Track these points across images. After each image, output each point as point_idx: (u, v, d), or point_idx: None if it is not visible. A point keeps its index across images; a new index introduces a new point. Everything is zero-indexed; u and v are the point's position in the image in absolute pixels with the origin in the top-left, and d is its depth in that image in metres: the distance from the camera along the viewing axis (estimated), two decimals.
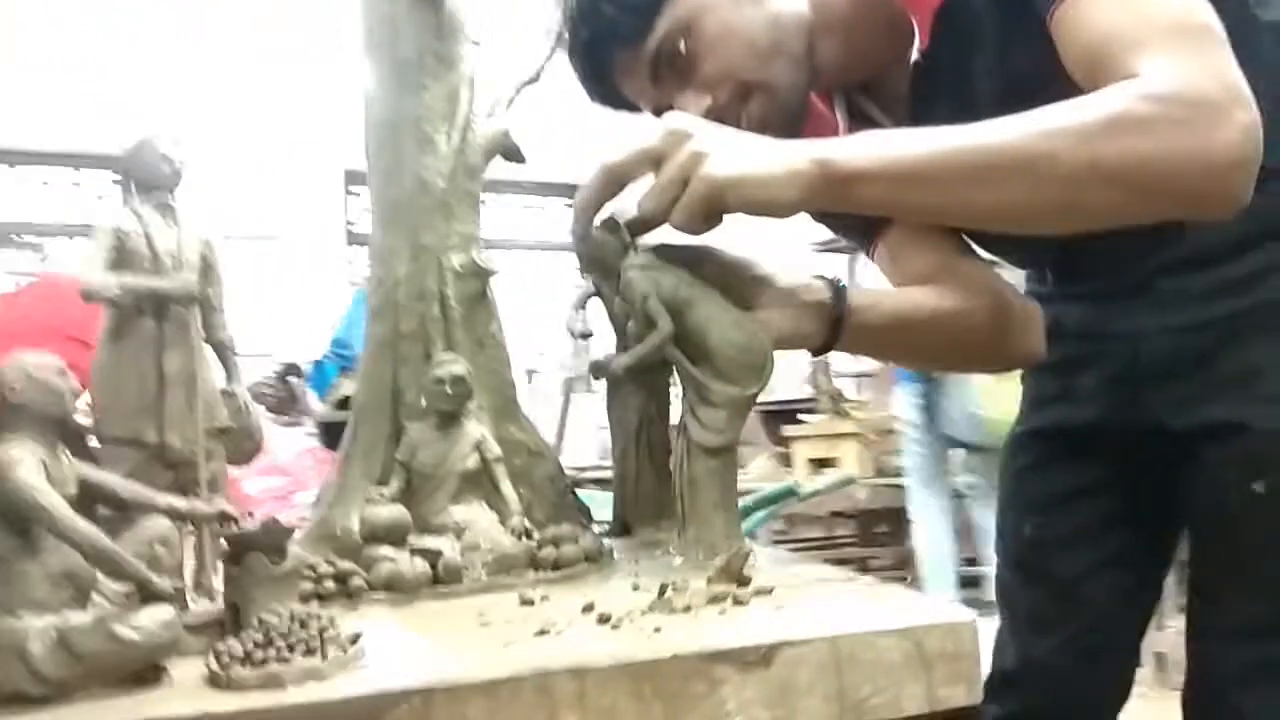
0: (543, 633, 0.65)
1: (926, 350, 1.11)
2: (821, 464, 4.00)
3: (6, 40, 4.72)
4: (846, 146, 0.88)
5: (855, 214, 1.11)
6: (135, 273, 0.82)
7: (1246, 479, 1.01)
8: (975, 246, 1.16)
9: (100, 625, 0.56)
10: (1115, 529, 1.21)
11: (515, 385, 1.03)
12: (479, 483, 0.90)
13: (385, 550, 0.81)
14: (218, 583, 0.73)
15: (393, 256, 0.99)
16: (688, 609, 0.69)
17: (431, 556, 0.80)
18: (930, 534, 3.84)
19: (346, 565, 0.79)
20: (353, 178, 6.56)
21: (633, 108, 1.20)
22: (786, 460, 4.07)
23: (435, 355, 0.95)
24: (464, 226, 1.01)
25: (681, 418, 0.91)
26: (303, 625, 0.59)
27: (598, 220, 0.92)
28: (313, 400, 4.02)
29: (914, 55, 1.07)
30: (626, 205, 0.95)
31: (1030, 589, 1.27)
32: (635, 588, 0.78)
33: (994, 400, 3.59)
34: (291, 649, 0.57)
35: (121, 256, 0.83)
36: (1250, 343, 1.04)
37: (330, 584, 0.77)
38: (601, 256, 0.93)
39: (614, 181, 0.90)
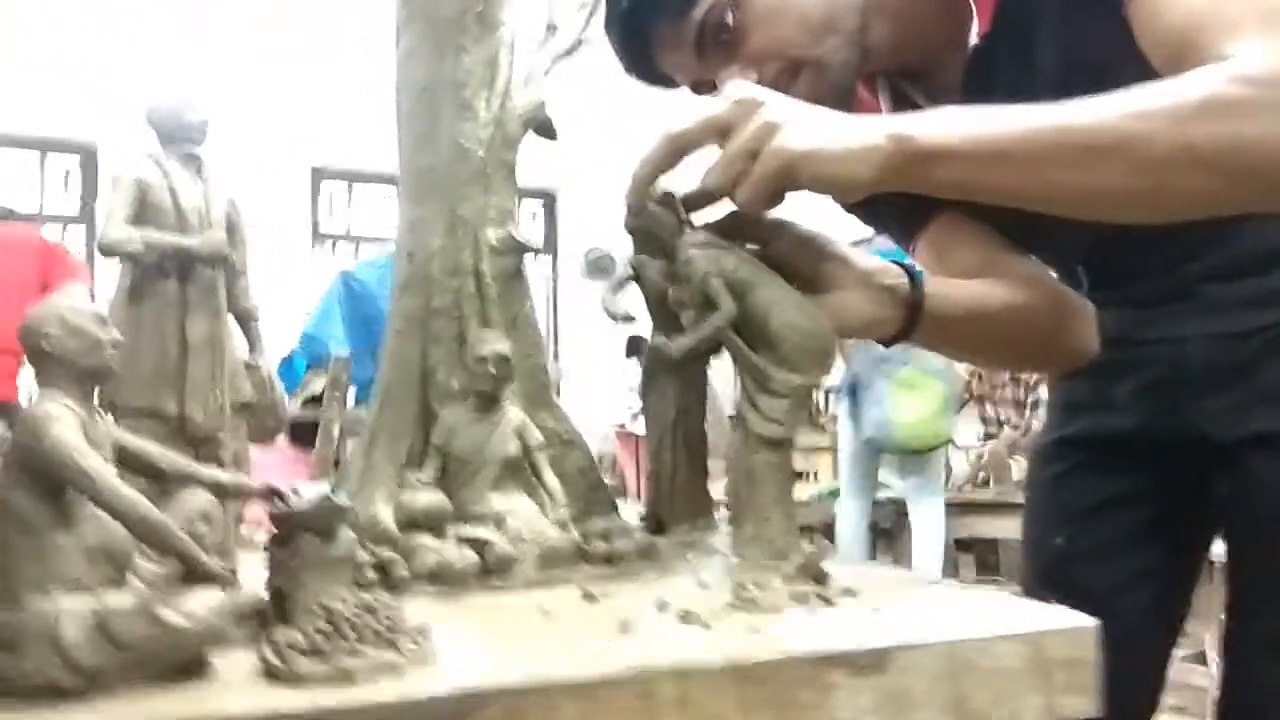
0: (625, 630, 0.58)
1: (990, 344, 1.06)
2: (797, 477, 3.99)
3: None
4: (925, 122, 0.83)
5: (899, 206, 1.06)
6: (159, 229, 0.74)
7: None
8: None
9: (144, 609, 0.49)
10: (1148, 540, 1.17)
11: (547, 370, 0.96)
12: (518, 471, 0.84)
13: (426, 539, 0.74)
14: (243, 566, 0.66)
15: (425, 228, 0.92)
16: (774, 608, 0.63)
17: (480, 546, 0.73)
18: (849, 535, 4.01)
19: (387, 553, 0.72)
20: (320, 174, 6.43)
21: (669, 83, 1.15)
22: None
23: (472, 332, 0.88)
24: (501, 200, 0.94)
25: (737, 407, 0.85)
26: (371, 613, 0.52)
27: (654, 192, 0.86)
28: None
29: (972, 39, 1.03)
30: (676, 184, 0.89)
31: (1059, 603, 1.22)
32: (702, 585, 0.72)
33: (904, 408, 3.77)
34: (361, 640, 0.50)
35: (143, 211, 0.75)
36: None
37: (370, 574, 0.70)
38: (656, 232, 0.86)
39: (676, 151, 0.83)
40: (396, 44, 0.96)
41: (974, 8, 1.03)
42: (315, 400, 3.58)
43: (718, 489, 0.90)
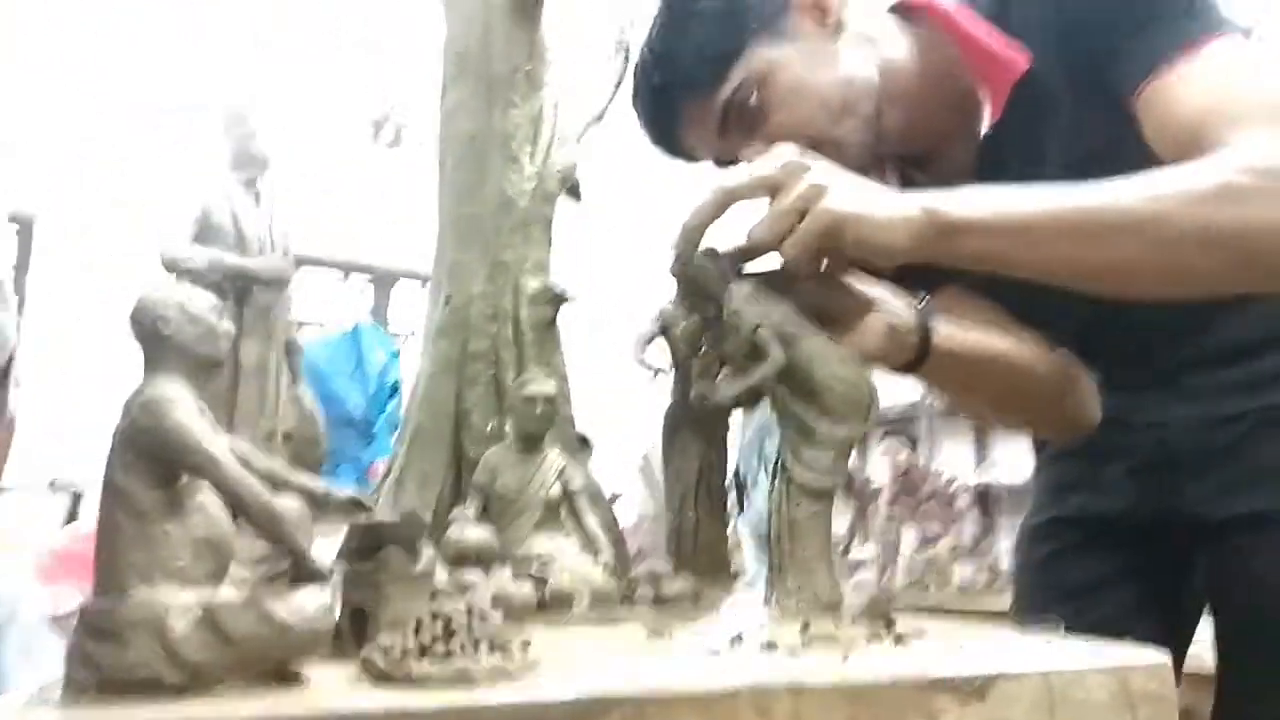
0: (717, 653, 0.57)
1: (1000, 393, 1.08)
2: None
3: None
4: (955, 198, 0.86)
5: (911, 277, 1.09)
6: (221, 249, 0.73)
7: None
8: None
9: (254, 604, 0.46)
10: (1143, 616, 1.19)
11: (574, 423, 0.96)
12: (558, 514, 0.82)
13: (476, 573, 0.72)
14: None
15: (466, 273, 0.92)
16: (850, 644, 0.62)
17: (538, 581, 0.71)
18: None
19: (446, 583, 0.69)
20: None
21: (690, 157, 1.18)
22: None
23: (505, 377, 0.87)
24: (538, 251, 0.95)
25: (779, 459, 0.86)
26: (481, 619, 0.50)
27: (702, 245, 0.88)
28: None
29: (983, 128, 1.08)
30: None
31: None
32: (771, 623, 0.71)
33: None
34: (477, 645, 0.48)
35: (205, 231, 0.74)
36: None
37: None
38: (703, 282, 0.87)
39: (725, 203, 0.85)
40: (441, 99, 0.98)
41: (985, 99, 1.09)
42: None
43: None
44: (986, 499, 4.34)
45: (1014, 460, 4.57)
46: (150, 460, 0.47)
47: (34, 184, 4.09)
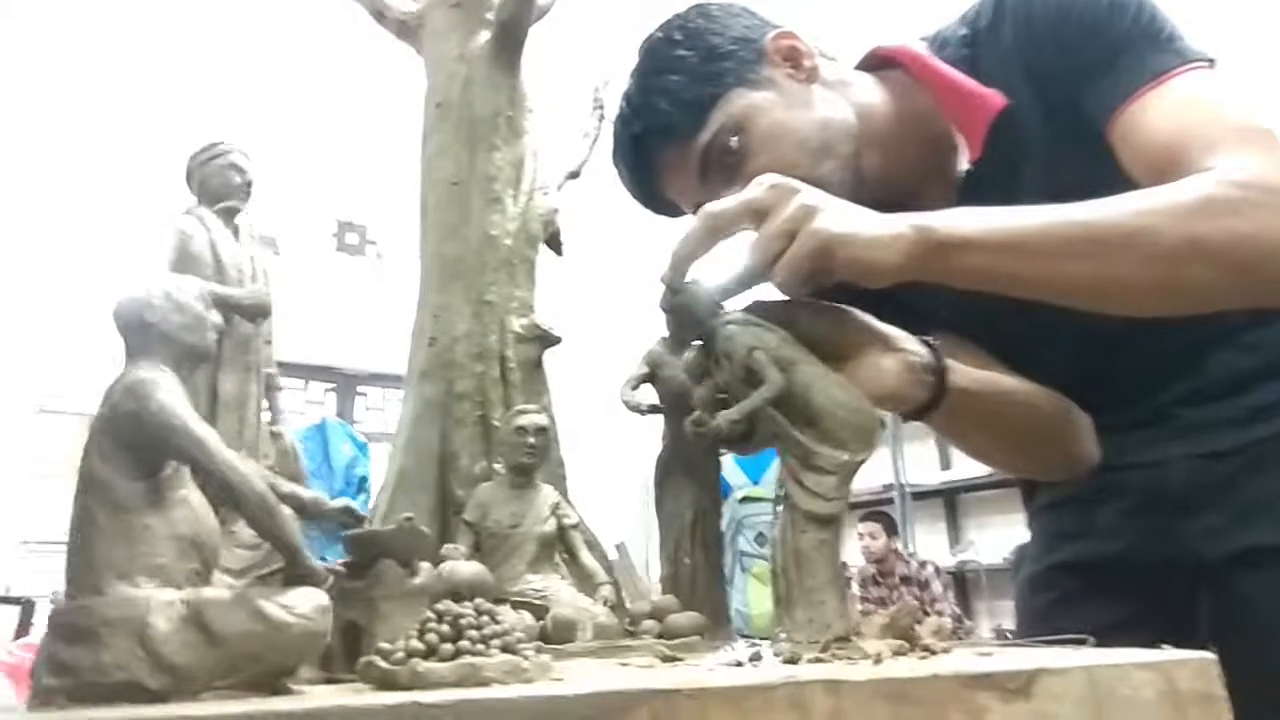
0: (739, 664, 0.53)
1: (1007, 433, 1.05)
2: None
3: None
4: (944, 216, 0.86)
5: (909, 310, 1.08)
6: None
7: None
8: None
9: (244, 601, 0.42)
10: None
11: (564, 465, 0.92)
12: (552, 551, 0.78)
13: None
14: None
15: (451, 314, 0.89)
16: (876, 659, 0.58)
17: (538, 610, 0.67)
18: None
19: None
20: None
21: (670, 209, 1.17)
22: None
23: (493, 416, 0.84)
24: (523, 292, 0.93)
25: (780, 488, 0.82)
26: (490, 618, 0.46)
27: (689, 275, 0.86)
28: None
29: (963, 167, 1.09)
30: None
31: None
32: (788, 644, 0.66)
33: (759, 599, 3.80)
34: (487, 643, 0.44)
35: (182, 259, 0.71)
36: (1276, 469, 1.04)
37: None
38: (694, 310, 0.85)
39: (715, 231, 0.84)
40: (424, 145, 0.97)
41: (960, 141, 1.09)
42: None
43: None
44: (963, 582, 4.29)
45: (991, 541, 4.54)
46: (132, 448, 0.43)
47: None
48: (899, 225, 0.84)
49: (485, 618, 0.45)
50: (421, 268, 0.93)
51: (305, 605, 0.43)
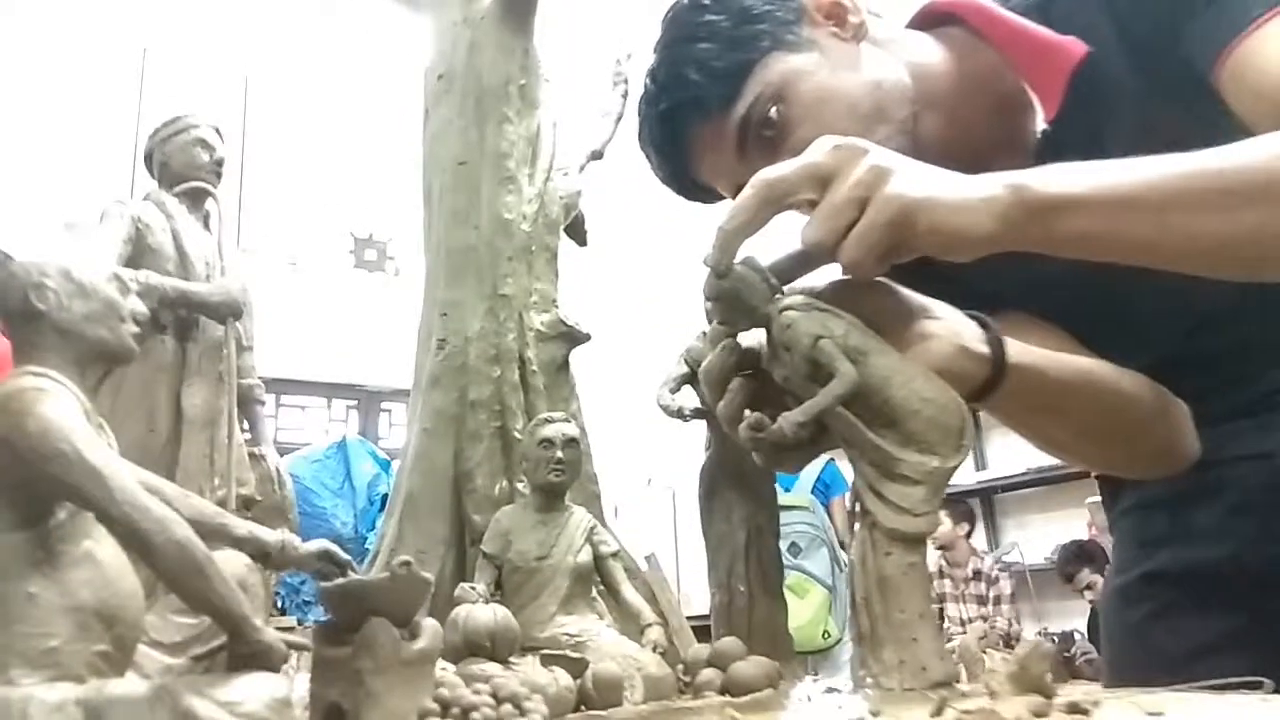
0: None
1: (1084, 420, 0.90)
2: None
3: None
4: (1042, 174, 0.72)
5: (963, 295, 0.94)
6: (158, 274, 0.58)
7: None
8: None
9: (165, 698, 0.29)
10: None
11: (597, 481, 0.79)
12: (588, 586, 0.65)
13: (493, 667, 0.54)
14: None
15: (461, 312, 0.76)
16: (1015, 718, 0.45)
17: (575, 664, 0.53)
18: None
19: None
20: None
21: (704, 194, 1.04)
22: None
23: (513, 427, 0.71)
24: (544, 284, 0.80)
25: (855, 501, 0.69)
26: (518, 710, 0.32)
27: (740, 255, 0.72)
28: None
29: (1038, 128, 0.96)
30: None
31: None
32: (876, 715, 0.53)
33: (794, 612, 3.60)
34: None
35: (139, 252, 0.59)
36: None
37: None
38: (746, 297, 0.72)
39: (770, 202, 0.70)
40: (425, 123, 0.84)
41: (1035, 98, 0.96)
42: None
43: None
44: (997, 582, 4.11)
45: (1032, 540, 4.37)
46: (8, 486, 0.30)
47: None
48: (991, 186, 0.71)
49: (507, 707, 0.32)
50: (427, 261, 0.80)
51: (254, 699, 0.30)
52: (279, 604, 3.22)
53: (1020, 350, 0.81)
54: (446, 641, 0.54)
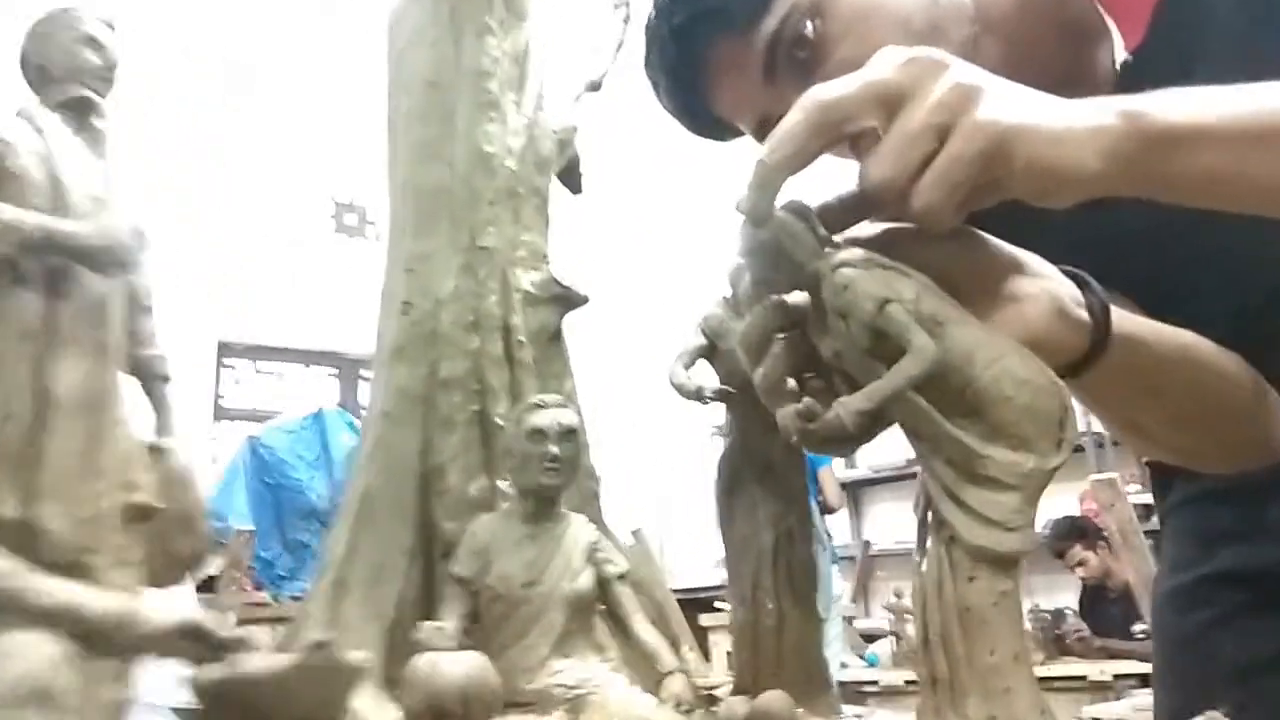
0: None
1: (1181, 407, 0.75)
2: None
3: None
4: (1159, 100, 0.57)
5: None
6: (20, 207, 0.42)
7: None
8: None
9: None
10: None
11: (597, 478, 0.64)
12: (589, 618, 0.50)
13: None
14: None
15: (431, 267, 0.61)
16: None
17: None
18: None
19: None
20: (225, 349, 6.05)
21: (721, 130, 0.89)
22: (705, 654, 3.53)
23: (495, 411, 0.56)
24: (533, 236, 0.64)
25: (926, 511, 0.54)
26: None
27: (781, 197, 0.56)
28: None
29: (1119, 58, 0.81)
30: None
31: None
32: None
33: None
34: None
35: None
36: None
37: None
38: (790, 250, 0.56)
39: (824, 129, 0.54)
40: (390, 37, 0.68)
41: (1114, 23, 0.82)
42: (209, 583, 3.07)
43: None
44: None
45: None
46: None
47: None
48: (1100, 113, 0.56)
49: None
50: (390, 206, 0.65)
51: None
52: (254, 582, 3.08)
53: (1121, 319, 0.66)
54: (405, 705, 0.39)
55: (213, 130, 4.89)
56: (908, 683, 3.08)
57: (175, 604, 0.29)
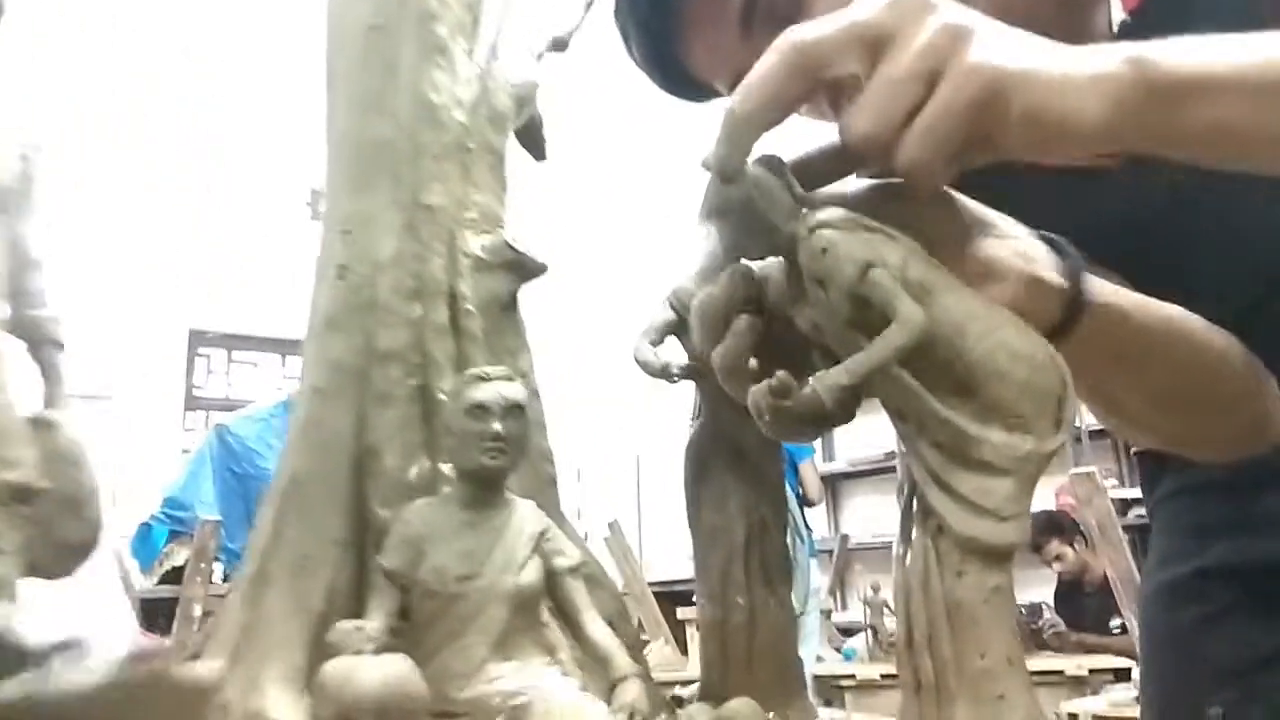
0: None
1: (1164, 385, 0.69)
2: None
3: None
4: (1166, 47, 0.52)
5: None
6: None
7: None
8: None
9: None
10: None
11: (554, 461, 0.59)
12: (536, 616, 0.44)
13: None
14: None
15: (369, 228, 0.55)
16: None
17: None
18: None
19: None
20: (198, 338, 5.95)
21: (694, 90, 0.84)
22: (683, 647, 3.46)
23: (438, 386, 0.50)
24: (485, 196, 0.58)
25: (911, 498, 0.49)
26: None
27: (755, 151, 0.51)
28: (134, 572, 3.26)
29: (1115, 18, 0.76)
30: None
31: None
32: None
33: None
34: None
35: None
36: None
37: None
38: (764, 210, 0.50)
39: (801, 74, 0.49)
40: None
41: None
42: (176, 575, 2.99)
43: None
44: None
45: None
46: None
47: None
48: (1103, 60, 0.51)
49: None
50: (327, 164, 0.59)
51: None
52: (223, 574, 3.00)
53: (1100, 287, 0.61)
54: (315, 716, 0.33)
55: (186, 117, 4.80)
56: (884, 677, 3.04)
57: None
